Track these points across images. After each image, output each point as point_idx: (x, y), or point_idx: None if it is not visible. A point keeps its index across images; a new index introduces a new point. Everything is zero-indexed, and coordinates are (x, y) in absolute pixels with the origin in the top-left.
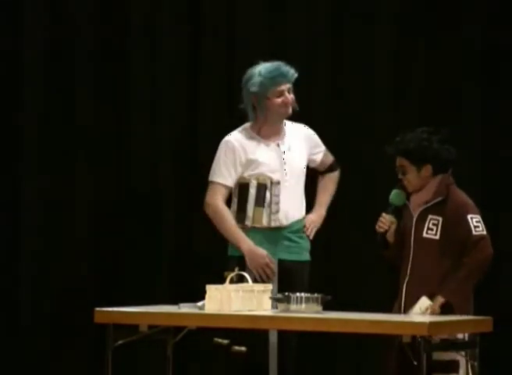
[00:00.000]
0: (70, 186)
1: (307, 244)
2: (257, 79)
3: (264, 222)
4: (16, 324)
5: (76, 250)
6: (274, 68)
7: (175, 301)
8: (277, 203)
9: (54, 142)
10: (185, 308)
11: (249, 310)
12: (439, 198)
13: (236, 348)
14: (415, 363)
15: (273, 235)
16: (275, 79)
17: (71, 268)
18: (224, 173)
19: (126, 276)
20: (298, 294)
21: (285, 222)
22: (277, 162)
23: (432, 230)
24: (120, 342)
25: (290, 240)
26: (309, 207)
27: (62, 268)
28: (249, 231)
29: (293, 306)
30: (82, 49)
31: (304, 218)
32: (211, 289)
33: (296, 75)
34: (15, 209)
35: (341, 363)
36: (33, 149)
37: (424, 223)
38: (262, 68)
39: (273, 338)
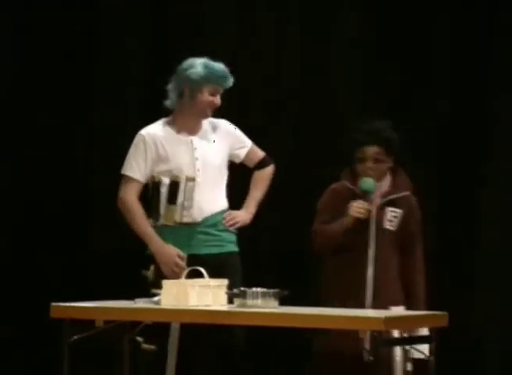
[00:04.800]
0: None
1: (230, 237)
2: (201, 69)
3: (177, 219)
4: None
5: (31, 246)
6: (221, 68)
7: (132, 296)
8: (190, 199)
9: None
10: (141, 303)
11: (205, 305)
12: (406, 193)
13: (146, 345)
14: (371, 359)
15: (186, 231)
16: (218, 78)
17: (27, 263)
18: (135, 168)
19: (88, 271)
20: (254, 289)
21: (198, 217)
22: (189, 159)
23: (391, 221)
24: (75, 337)
25: (207, 234)
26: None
27: (18, 264)
28: (160, 229)
29: (249, 301)
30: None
31: (222, 211)
32: (167, 284)
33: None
34: None
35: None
36: None
37: (384, 214)
38: (208, 62)
39: (175, 325)
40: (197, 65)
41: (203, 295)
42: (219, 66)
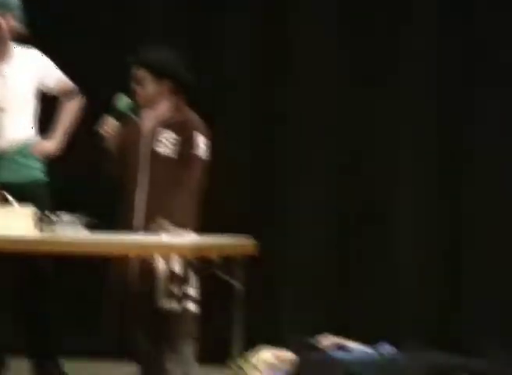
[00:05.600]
0: None
1: (37, 164)
2: None
3: None
4: None
5: None
6: None
7: None
8: None
9: None
10: None
11: (12, 233)
12: (180, 118)
13: None
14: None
15: None
16: None
17: None
18: None
19: None
20: (63, 216)
21: (6, 145)
22: None
23: (166, 146)
24: None
25: (15, 162)
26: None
27: None
28: None
29: (57, 228)
30: None
31: (30, 140)
32: None
33: (17, 3)
34: None
35: None
36: None
37: (159, 139)
38: None
39: None
40: None
41: (10, 222)
42: None
